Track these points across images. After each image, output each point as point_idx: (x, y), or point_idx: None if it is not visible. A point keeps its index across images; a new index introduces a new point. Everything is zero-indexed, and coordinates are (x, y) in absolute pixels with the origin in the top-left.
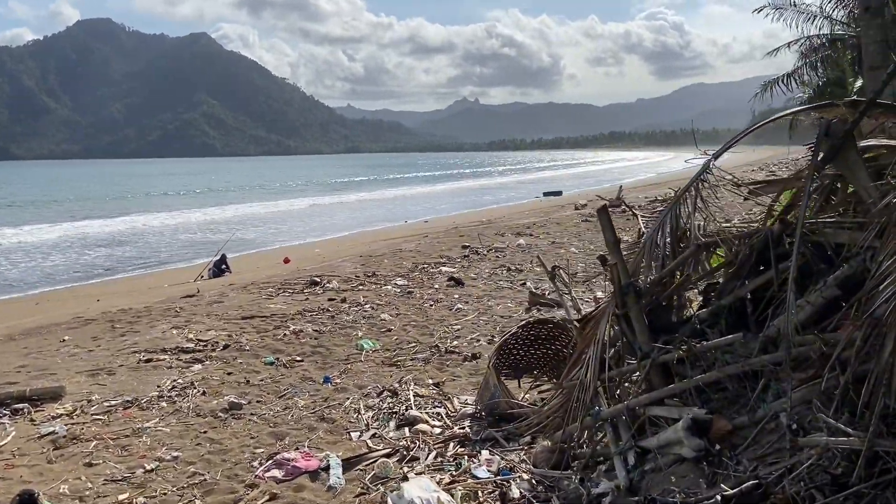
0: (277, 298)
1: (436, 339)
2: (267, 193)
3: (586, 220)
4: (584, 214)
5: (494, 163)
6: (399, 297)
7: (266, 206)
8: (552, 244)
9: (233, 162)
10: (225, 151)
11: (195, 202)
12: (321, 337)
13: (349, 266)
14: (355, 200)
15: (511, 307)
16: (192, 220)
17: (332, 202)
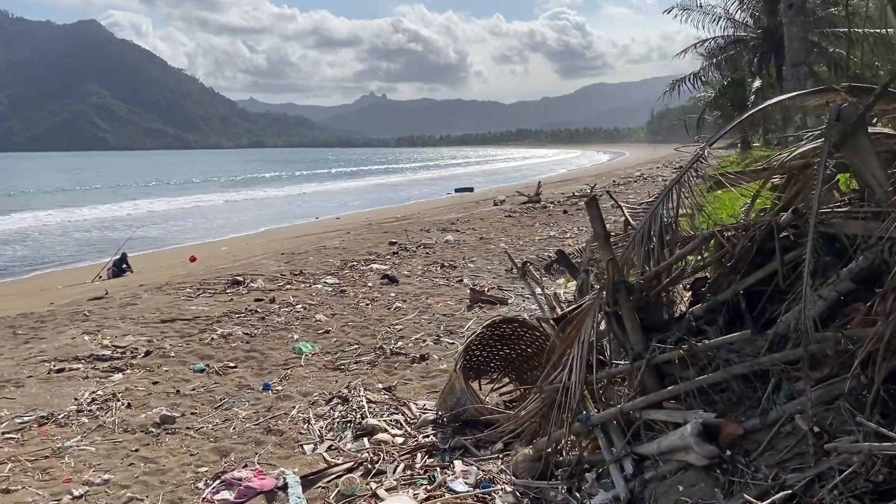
0: (198, 300)
1: (379, 340)
2: (166, 189)
3: (509, 216)
4: (506, 210)
5: (404, 159)
6: (332, 297)
7: (166, 202)
8: (480, 240)
9: (127, 156)
10: (118, 145)
11: (88, 198)
12: (253, 340)
13: (272, 264)
14: (261, 197)
15: (451, 305)
16: (86, 218)
17: (236, 199)
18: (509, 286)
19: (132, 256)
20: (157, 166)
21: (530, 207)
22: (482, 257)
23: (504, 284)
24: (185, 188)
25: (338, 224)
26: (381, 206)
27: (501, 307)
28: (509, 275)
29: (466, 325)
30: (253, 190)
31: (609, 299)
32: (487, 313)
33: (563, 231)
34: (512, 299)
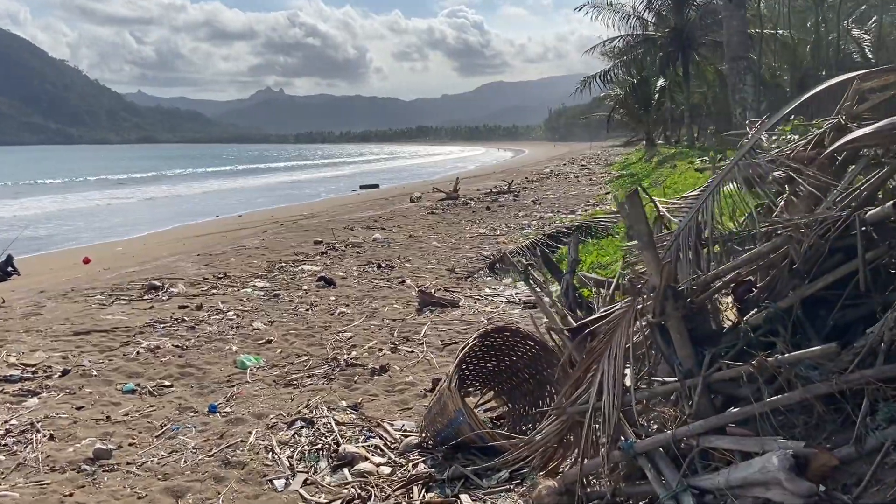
0: (113, 307)
1: (329, 350)
2: (51, 187)
3: (433, 213)
4: (427, 207)
5: (304, 155)
6: (266, 302)
7: (50, 201)
8: (410, 238)
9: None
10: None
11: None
12: (186, 353)
13: (189, 266)
14: (154, 195)
15: (399, 308)
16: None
17: (126, 197)
18: (455, 287)
19: (17, 259)
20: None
21: (451, 204)
22: (418, 256)
23: (450, 285)
24: (70, 186)
25: (242, 222)
26: (285, 203)
27: (454, 310)
28: (452, 275)
29: (421, 330)
30: (144, 187)
31: (656, 308)
32: (441, 317)
33: (492, 228)
34: (462, 301)
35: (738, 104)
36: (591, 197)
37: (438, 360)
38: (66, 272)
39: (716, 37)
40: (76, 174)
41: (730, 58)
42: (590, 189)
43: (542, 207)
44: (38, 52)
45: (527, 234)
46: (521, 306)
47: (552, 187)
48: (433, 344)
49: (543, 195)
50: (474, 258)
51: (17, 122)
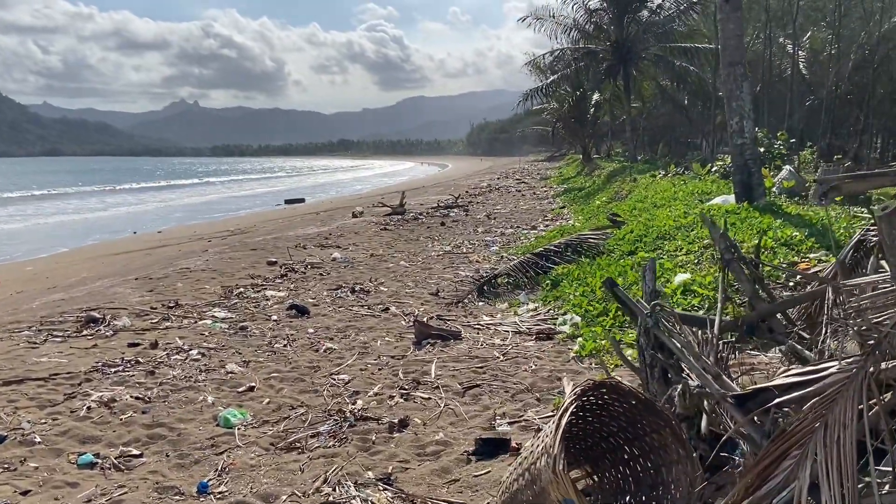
0: (46, 346)
1: (328, 399)
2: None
3: (385, 229)
4: (378, 223)
5: (222, 170)
6: (233, 337)
7: None
8: (371, 257)
9: None
10: None
11: None
12: (151, 408)
13: (130, 293)
14: (62, 210)
15: (392, 342)
16: None
17: (29, 212)
18: (447, 315)
19: None
20: None
21: (399, 220)
22: (390, 279)
23: (440, 313)
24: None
25: (162, 238)
26: (206, 217)
27: (456, 342)
28: (437, 300)
29: (429, 369)
30: (49, 202)
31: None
32: (445, 352)
33: (456, 245)
34: (463, 332)
35: (736, 112)
36: (546, 211)
37: (465, 409)
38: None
39: (657, 51)
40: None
41: (726, 63)
42: (539, 203)
43: (498, 223)
44: None
45: (495, 251)
46: (533, 338)
47: (498, 201)
48: (450, 388)
49: (494, 209)
50: (453, 280)
51: None
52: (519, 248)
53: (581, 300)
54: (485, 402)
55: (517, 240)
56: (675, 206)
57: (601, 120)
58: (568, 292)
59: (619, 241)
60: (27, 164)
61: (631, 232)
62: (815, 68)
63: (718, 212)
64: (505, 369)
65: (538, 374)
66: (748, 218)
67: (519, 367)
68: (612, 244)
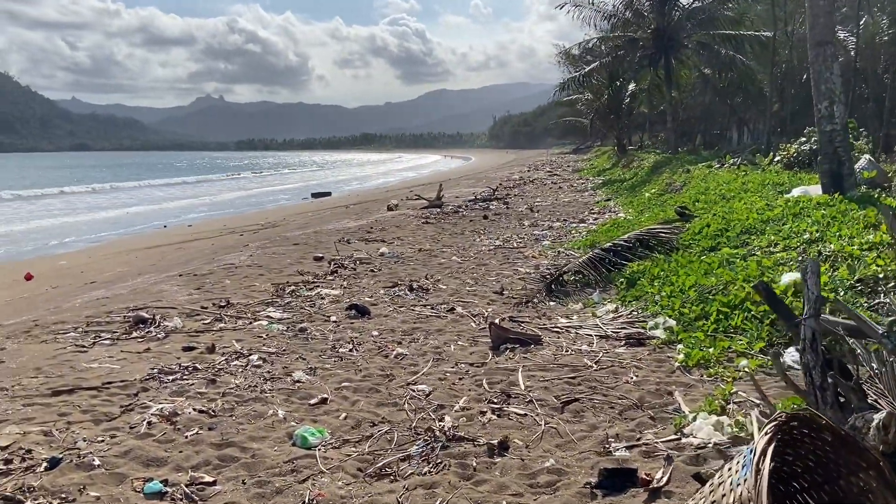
0: (95, 350)
1: (410, 414)
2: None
3: (427, 223)
4: (419, 216)
5: (248, 164)
6: (293, 340)
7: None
8: (420, 252)
9: None
10: None
11: None
12: (218, 423)
13: (177, 290)
14: (92, 204)
15: (465, 346)
16: None
17: (58, 205)
18: (518, 315)
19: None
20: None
21: (438, 213)
22: (447, 276)
23: (511, 314)
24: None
25: (193, 232)
26: (233, 211)
27: (538, 348)
28: (502, 299)
29: (516, 379)
30: (79, 196)
31: None
32: (528, 359)
33: (505, 239)
34: (542, 336)
35: (825, 96)
36: (589, 204)
37: (568, 428)
38: (5, 291)
39: (700, 38)
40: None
41: (814, 43)
42: (580, 196)
43: (542, 216)
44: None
45: (548, 246)
46: (623, 343)
47: (536, 194)
48: (546, 402)
49: (534, 202)
50: (514, 277)
51: None
52: (574, 242)
53: (672, 301)
54: (589, 419)
55: (567, 234)
56: (749, 198)
57: (637, 111)
58: (650, 292)
59: (696, 235)
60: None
61: (707, 226)
62: (867, 54)
63: (809, 204)
64: (602, 380)
65: (643, 386)
66: (848, 211)
67: (618, 379)
68: (687, 239)
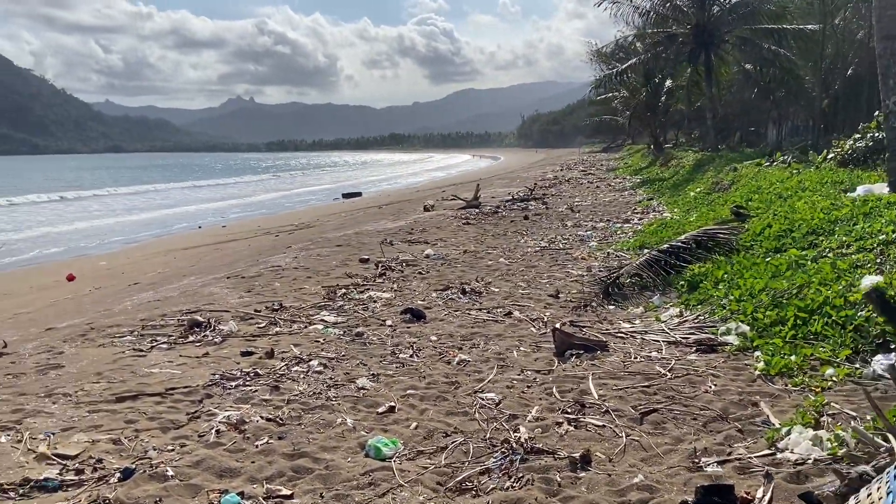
0: (153, 355)
1: (483, 424)
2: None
3: (467, 223)
4: (454, 216)
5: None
6: (351, 345)
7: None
8: (466, 253)
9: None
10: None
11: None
12: (287, 432)
13: (226, 293)
14: (125, 205)
15: (528, 352)
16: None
17: (94, 206)
18: (578, 320)
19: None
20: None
21: (477, 213)
22: (498, 278)
23: (571, 318)
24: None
25: (229, 232)
26: (267, 212)
27: (605, 354)
28: (558, 301)
29: (587, 387)
30: (116, 198)
31: None
32: (597, 366)
33: (551, 240)
34: (609, 342)
35: (893, 91)
36: (631, 203)
37: (653, 440)
38: (49, 292)
39: (741, 33)
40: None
41: (882, 36)
42: (619, 195)
43: (584, 216)
44: (1, 61)
45: (594, 247)
46: (693, 349)
47: (574, 193)
48: (622, 412)
49: (573, 202)
50: (566, 279)
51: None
52: (623, 243)
53: (742, 306)
54: (672, 432)
55: (613, 234)
56: (809, 197)
57: (673, 108)
58: (715, 295)
59: (757, 236)
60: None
61: (769, 226)
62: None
63: (878, 203)
64: (679, 389)
65: (724, 396)
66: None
67: (696, 388)
68: (748, 240)
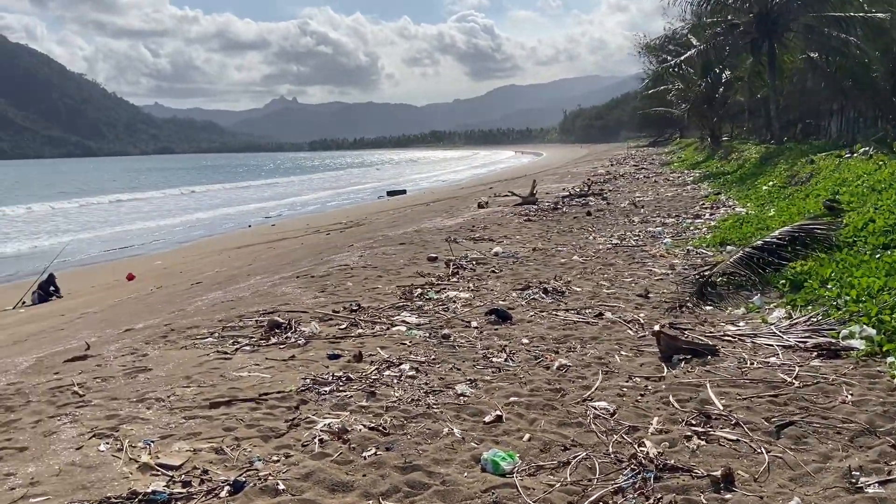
0: (239, 357)
1: (602, 437)
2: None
3: (530, 220)
4: (520, 213)
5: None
6: (439, 348)
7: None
8: (535, 251)
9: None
10: (14, 154)
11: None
12: (395, 443)
13: (300, 292)
14: (178, 206)
15: (630, 357)
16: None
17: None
18: (677, 322)
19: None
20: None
21: (536, 210)
22: (576, 277)
23: (667, 318)
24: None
25: (279, 231)
26: (314, 210)
27: (716, 360)
28: (648, 301)
29: (706, 396)
30: (170, 199)
31: None
32: (709, 372)
33: (621, 237)
34: (718, 345)
35: None
36: (697, 199)
37: (798, 457)
38: (113, 291)
39: (808, 21)
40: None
41: None
42: (681, 190)
43: (649, 212)
44: (56, 67)
45: (669, 244)
46: (814, 355)
47: (631, 189)
48: (754, 425)
49: (634, 197)
50: (651, 278)
51: (38, 137)
52: (702, 239)
53: (865, 307)
54: (816, 447)
55: (685, 230)
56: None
57: (732, 100)
58: (825, 295)
59: (859, 231)
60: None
61: (871, 221)
62: None
63: None
64: (812, 400)
65: (864, 407)
66: None
67: (831, 398)
68: (848, 235)
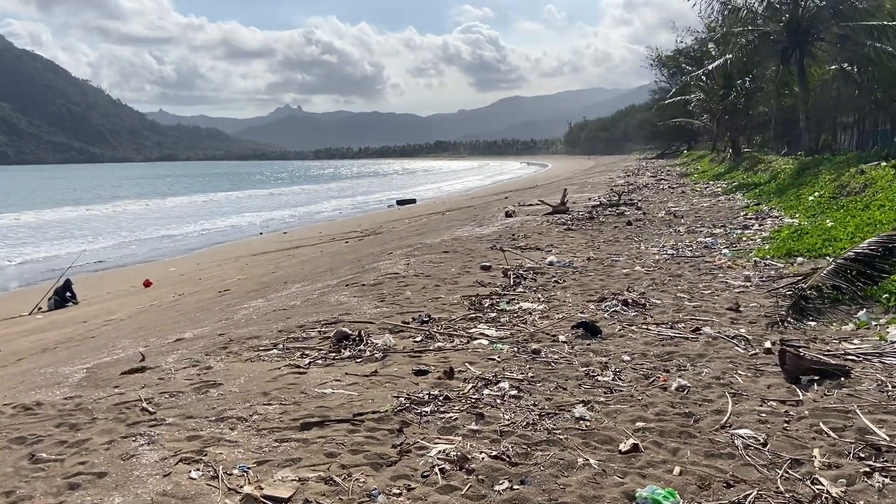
0: (316, 372)
1: (762, 471)
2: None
3: (570, 229)
4: (560, 222)
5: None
6: (532, 364)
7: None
8: (590, 260)
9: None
10: (18, 159)
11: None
12: (529, 475)
13: (356, 301)
14: (184, 212)
15: (749, 376)
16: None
17: (158, 216)
18: (789, 339)
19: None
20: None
21: (570, 219)
22: (648, 288)
23: (772, 335)
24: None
25: (291, 239)
26: (325, 218)
27: (851, 383)
28: (740, 315)
29: (858, 422)
30: (179, 207)
31: None
32: (850, 396)
33: (673, 247)
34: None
35: None
36: (735, 209)
37: None
38: (132, 298)
39: (839, 31)
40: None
41: None
42: (716, 200)
43: (691, 221)
44: (61, 73)
45: (729, 255)
46: None
47: (661, 199)
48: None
49: (669, 207)
50: (731, 290)
51: (42, 142)
52: (761, 250)
53: None
54: None
55: (737, 241)
56: None
57: (754, 111)
58: None
59: None
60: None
61: None
62: None
63: None
64: None
65: None
66: None
67: None
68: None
